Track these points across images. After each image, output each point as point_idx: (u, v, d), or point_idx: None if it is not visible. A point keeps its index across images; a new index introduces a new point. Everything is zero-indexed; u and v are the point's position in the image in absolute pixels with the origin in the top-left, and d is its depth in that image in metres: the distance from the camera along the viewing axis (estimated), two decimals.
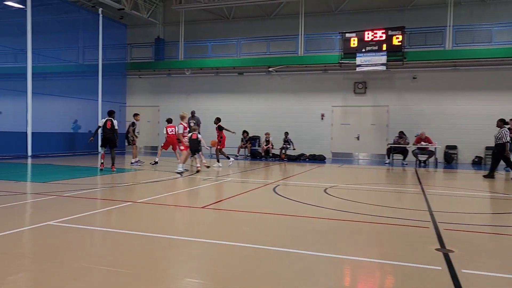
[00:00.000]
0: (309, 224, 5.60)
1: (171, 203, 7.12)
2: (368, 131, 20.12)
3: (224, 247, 4.38)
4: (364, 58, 18.41)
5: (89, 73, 20.62)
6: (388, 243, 4.77)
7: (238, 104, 21.87)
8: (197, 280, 3.47)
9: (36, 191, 7.82)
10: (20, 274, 3.46)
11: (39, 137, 16.89)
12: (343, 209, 6.64)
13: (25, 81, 16.49)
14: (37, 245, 4.42)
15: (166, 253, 4.14)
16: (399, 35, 17.99)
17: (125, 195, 7.98)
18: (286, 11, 21.51)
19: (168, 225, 5.44)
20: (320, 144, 20.30)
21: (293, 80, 21.10)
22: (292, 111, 20.97)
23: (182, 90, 22.87)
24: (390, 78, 19.68)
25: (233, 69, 21.79)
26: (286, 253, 4.17)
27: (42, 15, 18.34)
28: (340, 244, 4.66)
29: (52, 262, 3.72)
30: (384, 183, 11.43)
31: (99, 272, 3.51)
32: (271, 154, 19.00)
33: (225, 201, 7.50)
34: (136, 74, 23.56)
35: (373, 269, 3.86)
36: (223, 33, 22.34)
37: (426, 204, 7.31)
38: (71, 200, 7.04)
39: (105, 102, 20.33)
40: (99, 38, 20.21)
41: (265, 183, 9.95)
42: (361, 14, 20.40)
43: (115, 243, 4.51)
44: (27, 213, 6.17)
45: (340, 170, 14.53)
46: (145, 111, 23.57)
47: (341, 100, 20.42)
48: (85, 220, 5.52)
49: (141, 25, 23.49)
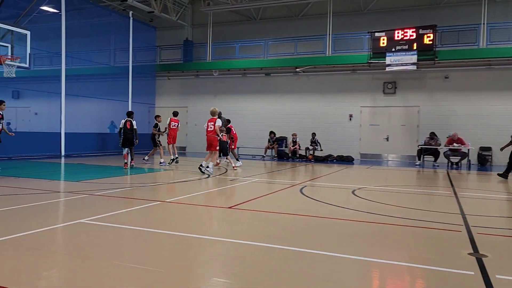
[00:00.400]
0: (336, 225, 5.54)
1: (198, 203, 7.19)
2: (398, 132, 19.74)
3: (251, 247, 4.39)
4: (394, 57, 18.08)
5: (119, 75, 21.11)
6: (418, 246, 4.66)
7: (265, 105, 21.89)
8: (224, 279, 3.49)
9: (69, 190, 8.05)
10: (53, 270, 3.57)
11: (71, 137, 17.41)
12: (371, 211, 6.53)
13: (59, 83, 17.04)
14: (70, 242, 4.54)
15: (194, 253, 4.18)
16: (431, 34, 17.57)
17: (153, 195, 8.11)
18: (314, 11, 21.37)
19: (196, 225, 5.50)
20: (348, 145, 20.07)
21: (321, 81, 20.94)
22: (320, 112, 20.82)
23: (209, 91, 23.08)
24: (421, 78, 19.25)
25: (260, 70, 21.83)
26: (313, 254, 4.13)
27: (76, 19, 18.92)
28: (368, 246, 4.58)
29: (84, 259, 3.82)
30: (415, 185, 11.18)
31: (128, 269, 3.58)
32: (298, 155, 18.92)
33: (252, 201, 7.51)
34: (165, 75, 23.92)
35: (402, 273, 3.78)
36: (251, 34, 22.42)
37: (458, 207, 7.11)
38: (102, 198, 7.22)
39: (135, 103, 20.77)
40: (129, 40, 20.66)
41: (292, 184, 9.91)
42: (391, 13, 20.05)
43: (144, 241, 4.59)
44: (60, 211, 6.36)
45: (368, 172, 14.32)
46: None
47: (370, 101, 20.12)
48: (115, 218, 5.65)
49: (170, 27, 23.86)
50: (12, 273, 3.42)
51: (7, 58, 12.47)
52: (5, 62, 12.40)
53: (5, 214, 5.82)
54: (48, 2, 16.99)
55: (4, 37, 12.73)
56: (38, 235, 4.59)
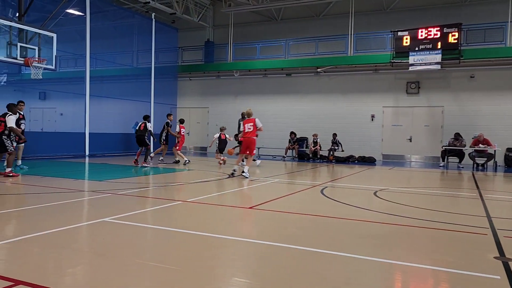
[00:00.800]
0: (357, 227, 5.48)
1: (219, 203, 7.23)
2: (421, 133, 19.41)
3: (271, 247, 4.39)
4: (418, 57, 17.78)
5: (142, 76, 21.42)
6: (442, 249, 4.56)
7: (285, 105, 21.84)
8: (244, 279, 3.50)
9: (93, 189, 8.21)
10: (78, 267, 3.65)
11: (95, 137, 17.75)
12: (394, 212, 6.44)
13: (84, 84, 17.39)
14: (93, 240, 4.63)
15: (215, 252, 4.21)
16: (455, 32, 17.20)
17: (175, 194, 8.20)
18: (336, 11, 21.22)
19: (216, 225, 5.53)
20: (370, 146, 19.84)
21: (342, 81, 20.77)
22: (341, 112, 20.65)
23: (230, 91, 23.18)
24: (445, 78, 18.88)
25: (281, 70, 21.79)
26: (334, 256, 4.10)
27: (100, 22, 19.30)
28: (390, 248, 4.52)
29: (107, 257, 3.90)
30: (438, 186, 10.96)
31: (150, 268, 3.63)
32: (319, 155, 18.82)
33: (273, 202, 7.51)
34: (187, 76, 24.14)
35: (425, 276, 3.72)
36: (272, 34, 22.41)
37: (484, 209, 6.94)
38: (124, 198, 7.34)
39: (157, 104, 21.03)
40: (152, 42, 20.95)
41: (312, 185, 9.86)
42: (414, 11, 19.74)
43: (165, 240, 4.65)
44: (85, 209, 6.49)
45: (391, 173, 14.12)
46: (195, 112, 24.15)
47: (393, 101, 19.85)
48: (138, 217, 5.73)
49: (192, 29, 24.08)
50: (39, 270, 3.51)
51: (34, 60, 12.79)
52: (33, 64, 12.72)
53: (32, 212, 5.97)
54: (73, 5, 17.37)
55: (32, 40, 13.06)
56: (63, 233, 4.70)
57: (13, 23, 12.54)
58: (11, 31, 12.53)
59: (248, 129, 10.79)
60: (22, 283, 3.12)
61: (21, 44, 12.65)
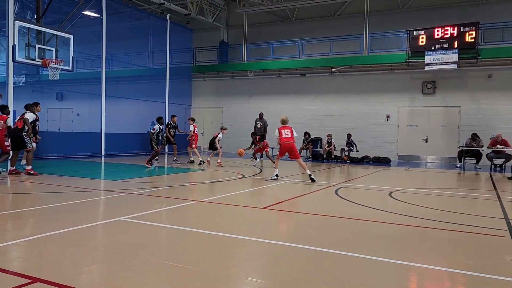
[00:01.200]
0: (372, 228, 5.44)
1: (233, 203, 7.25)
2: (438, 133, 19.16)
3: (285, 248, 4.38)
4: (434, 56, 17.57)
5: (157, 76, 21.61)
6: (459, 251, 4.50)
7: (300, 105, 21.78)
8: (258, 279, 3.50)
9: (109, 188, 8.31)
10: (95, 265, 3.69)
11: (111, 137, 17.97)
12: (409, 214, 6.37)
13: (100, 85, 17.62)
14: (109, 239, 4.69)
15: (229, 252, 4.22)
16: (473, 31, 16.94)
17: (189, 194, 8.25)
18: (350, 10, 21.09)
19: (231, 225, 5.54)
20: (385, 146, 19.66)
21: (357, 81, 20.63)
22: (355, 112, 20.51)
23: (245, 91, 23.21)
24: (462, 77, 18.60)
25: (295, 71, 21.74)
26: (348, 256, 4.08)
27: (116, 23, 19.52)
28: (405, 250, 4.47)
29: (123, 256, 3.94)
30: (455, 188, 10.80)
31: (165, 267, 3.66)
32: (333, 156, 18.72)
33: (287, 202, 7.50)
34: (201, 76, 24.26)
35: (441, 278, 3.67)
36: (286, 34, 22.38)
37: (501, 211, 6.81)
38: (140, 197, 7.42)
39: (172, 104, 21.20)
40: (167, 43, 21.12)
41: (326, 185, 9.82)
42: (430, 10, 19.50)
43: (179, 240, 4.68)
44: (101, 208, 6.57)
45: (406, 174, 13.97)
46: (209, 112, 24.25)
47: (408, 101, 19.64)
48: (152, 216, 5.78)
49: (206, 29, 24.18)
50: (56, 268, 3.57)
51: (52, 61, 13.01)
52: (50, 65, 12.93)
53: (50, 210, 6.07)
54: (90, 7, 17.61)
55: (49, 41, 13.29)
56: (80, 232, 4.76)
57: (31, 25, 12.77)
58: (29, 33, 12.77)
59: (286, 134, 10.66)
60: (40, 280, 3.17)
61: (39, 45, 12.89)
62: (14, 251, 4.06)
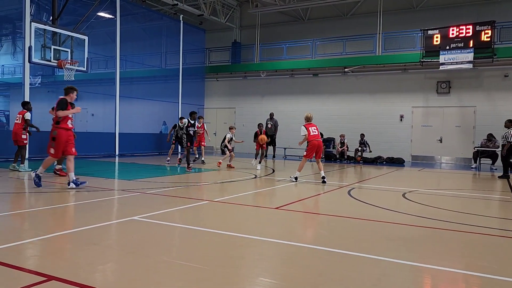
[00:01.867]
0: (385, 229, 5.39)
1: (245, 203, 7.26)
2: (452, 133, 18.92)
3: (297, 248, 4.37)
4: (448, 56, 17.35)
5: (170, 77, 21.75)
6: (474, 253, 4.44)
7: (312, 106, 21.66)
8: (270, 280, 3.50)
9: (123, 188, 8.38)
10: (109, 264, 3.73)
11: (125, 137, 18.14)
12: (423, 215, 6.30)
13: (114, 86, 17.80)
14: (123, 238, 4.73)
15: (241, 252, 4.22)
16: (489, 30, 16.69)
17: (202, 194, 8.28)
18: (363, 10, 20.95)
19: (243, 225, 5.55)
20: (399, 147, 19.48)
21: (370, 81, 20.48)
22: (369, 113, 20.36)
23: (257, 92, 23.22)
24: (478, 77, 18.34)
25: (308, 71, 21.68)
26: (361, 257, 4.05)
27: (129, 24, 19.71)
28: (419, 251, 4.42)
29: (136, 255, 3.97)
30: (470, 189, 10.66)
31: (177, 266, 3.68)
32: (346, 156, 18.61)
33: (299, 202, 7.48)
34: (214, 77, 24.34)
35: (456, 280, 3.62)
36: (298, 34, 22.33)
37: None
38: (153, 197, 7.47)
39: (185, 104, 21.30)
40: (180, 43, 21.24)
41: (339, 186, 9.77)
42: (445, 9, 19.27)
43: (192, 239, 4.70)
44: (115, 208, 6.64)
45: (420, 174, 13.82)
46: (222, 112, 24.31)
47: (422, 101, 19.43)
48: (166, 216, 5.82)
49: (219, 30, 24.26)
50: (71, 266, 3.61)
51: (67, 62, 13.18)
52: (65, 66, 13.10)
53: (65, 209, 6.16)
54: (104, 8, 17.80)
55: (65, 42, 13.45)
56: (94, 231, 4.82)
57: (47, 27, 12.95)
58: (45, 34, 12.95)
59: (314, 132, 10.28)
60: (55, 278, 3.22)
61: (54, 46, 13.06)
62: (30, 249, 4.12)
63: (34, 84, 18.23)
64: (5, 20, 26.26)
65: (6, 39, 30.67)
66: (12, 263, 3.55)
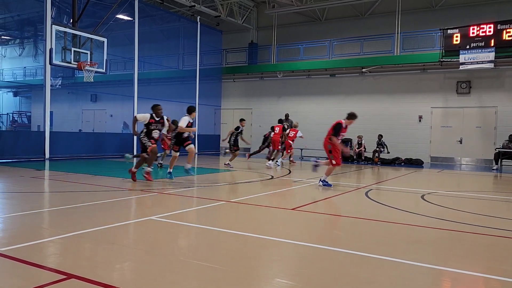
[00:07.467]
0: (404, 231, 5.32)
1: (262, 204, 7.25)
2: (473, 134, 18.56)
3: (314, 250, 4.35)
4: (469, 55, 17.02)
5: (187, 78, 21.88)
6: (496, 256, 4.34)
7: (329, 106, 21.55)
8: (286, 281, 3.48)
9: (140, 188, 8.47)
10: (126, 263, 3.77)
11: None
12: (443, 217, 6.19)
13: (132, 87, 18.00)
14: (140, 237, 4.78)
15: (257, 253, 4.22)
16: (510, 29, 16.30)
17: (219, 194, 8.30)
18: (381, 10, 20.73)
19: (259, 225, 5.55)
20: (417, 148, 19.21)
21: (388, 81, 20.24)
22: (387, 113, 20.12)
23: (274, 92, 23.19)
24: (499, 77, 17.95)
25: (325, 71, 21.54)
26: (379, 260, 4.00)
27: (147, 26, 19.92)
28: (439, 254, 4.35)
29: (153, 254, 4.01)
30: (491, 191, 10.43)
31: (193, 266, 3.69)
32: (364, 157, 18.44)
33: (316, 203, 7.44)
34: (231, 78, 24.40)
35: (476, 284, 3.55)
36: (315, 35, 22.21)
37: None
38: (170, 197, 7.53)
39: (202, 105, 21.40)
40: (197, 44, 21.36)
41: (357, 187, 9.68)
42: (464, 8, 18.91)
43: (209, 239, 4.72)
44: (132, 207, 6.71)
45: (439, 176, 13.60)
46: (239, 113, 24.35)
47: (442, 101, 19.11)
48: (183, 216, 5.85)
49: (236, 31, 24.31)
50: (89, 265, 3.67)
51: (87, 64, 13.39)
52: (85, 68, 13.32)
53: (84, 209, 6.25)
54: (123, 10, 18.03)
55: (84, 44, 13.68)
56: (112, 230, 4.88)
57: (67, 29, 13.19)
58: (65, 36, 13.19)
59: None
60: (74, 276, 3.27)
61: (74, 49, 13.29)
62: (50, 248, 4.20)
63: (55, 86, 18.57)
64: (27, 23, 26.87)
65: (28, 42, 31.40)
66: (33, 261, 3.62)
